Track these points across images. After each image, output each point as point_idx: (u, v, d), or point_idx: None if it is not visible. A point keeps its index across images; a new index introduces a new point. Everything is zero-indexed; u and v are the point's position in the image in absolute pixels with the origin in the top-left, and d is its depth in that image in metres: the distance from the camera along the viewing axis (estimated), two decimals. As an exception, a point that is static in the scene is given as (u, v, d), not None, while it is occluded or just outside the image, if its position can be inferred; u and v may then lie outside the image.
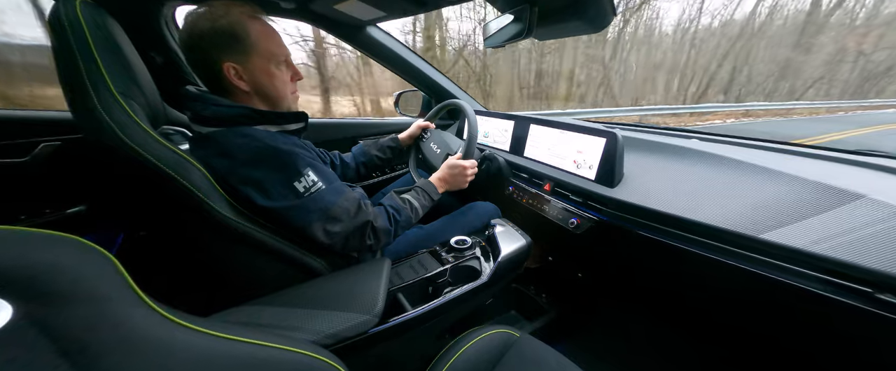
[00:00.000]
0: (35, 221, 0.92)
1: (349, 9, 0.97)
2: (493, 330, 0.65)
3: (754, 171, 0.72)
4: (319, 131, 1.35)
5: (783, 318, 0.62)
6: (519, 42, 0.79)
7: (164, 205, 0.62)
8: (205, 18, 0.56)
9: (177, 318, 0.30)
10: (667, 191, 0.78)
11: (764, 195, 0.66)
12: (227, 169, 0.57)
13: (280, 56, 0.64)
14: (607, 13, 0.67)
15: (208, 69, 0.59)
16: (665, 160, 0.89)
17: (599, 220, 0.85)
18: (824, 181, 0.62)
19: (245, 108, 0.60)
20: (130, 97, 0.52)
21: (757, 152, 0.85)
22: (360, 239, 0.66)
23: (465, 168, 0.88)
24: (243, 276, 0.66)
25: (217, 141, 0.58)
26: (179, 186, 0.51)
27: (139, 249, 1.08)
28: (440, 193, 0.85)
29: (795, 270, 0.55)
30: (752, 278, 0.60)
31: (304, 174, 0.60)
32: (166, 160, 0.51)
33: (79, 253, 0.26)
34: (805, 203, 0.60)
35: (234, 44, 0.58)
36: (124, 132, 0.48)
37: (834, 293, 0.52)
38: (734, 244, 0.62)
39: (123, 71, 0.52)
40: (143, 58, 0.63)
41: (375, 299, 0.59)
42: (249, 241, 0.59)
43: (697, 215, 0.67)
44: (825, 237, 0.54)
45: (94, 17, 0.50)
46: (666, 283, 0.85)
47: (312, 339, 0.52)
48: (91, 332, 0.24)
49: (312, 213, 0.60)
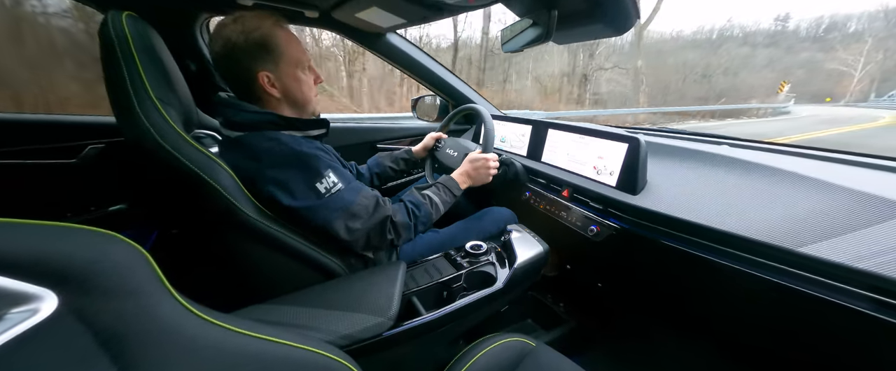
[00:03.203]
0: (80, 218, 0.99)
1: (370, 17, 1.00)
2: (509, 338, 0.63)
3: (791, 179, 0.68)
4: (340, 136, 1.39)
5: (821, 338, 0.57)
6: (538, 46, 0.78)
7: (195, 204, 0.65)
8: (238, 32, 0.59)
9: (202, 314, 0.31)
10: (694, 199, 0.74)
11: (802, 205, 0.61)
12: (254, 171, 0.60)
13: (304, 61, 0.68)
14: (631, 15, 0.65)
15: (242, 78, 0.63)
16: (692, 167, 0.85)
17: (621, 228, 0.81)
18: (870, 191, 0.57)
19: (272, 115, 0.64)
20: (167, 103, 0.55)
21: (792, 159, 0.79)
22: (380, 234, 0.67)
23: (487, 160, 0.87)
24: (264, 275, 0.68)
25: (245, 144, 0.61)
26: (209, 187, 0.54)
27: (171, 246, 1.14)
28: (462, 189, 0.85)
29: (838, 287, 0.51)
30: (789, 293, 0.55)
31: (326, 175, 0.62)
32: (197, 162, 0.54)
33: (122, 250, 0.28)
34: (848, 214, 0.55)
35: (266, 54, 0.62)
36: (160, 135, 0.51)
37: (880, 313, 0.47)
38: (769, 257, 0.58)
39: (162, 78, 0.56)
40: (179, 65, 0.68)
41: (390, 302, 0.59)
42: (271, 241, 0.61)
43: (728, 226, 0.63)
44: (873, 253, 0.49)
45: (138, 29, 0.54)
46: (692, 296, 0.80)
47: (328, 339, 0.52)
48: (128, 324, 0.26)
49: (333, 211, 0.62)
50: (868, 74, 42.50)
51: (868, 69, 42.24)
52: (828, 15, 61.33)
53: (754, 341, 0.71)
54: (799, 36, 58.00)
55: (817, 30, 59.08)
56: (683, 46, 30.45)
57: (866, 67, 42.11)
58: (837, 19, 59.52)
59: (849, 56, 43.17)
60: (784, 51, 52.30)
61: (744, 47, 46.85)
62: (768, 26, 59.16)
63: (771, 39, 54.21)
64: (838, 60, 43.89)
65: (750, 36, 53.31)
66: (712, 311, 0.78)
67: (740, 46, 46.52)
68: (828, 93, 39.77)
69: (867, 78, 42.61)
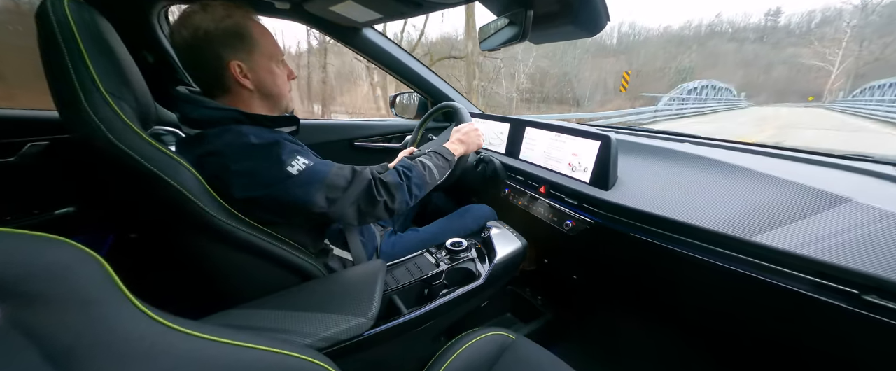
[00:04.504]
0: (23, 222, 0.90)
1: (345, 11, 0.97)
2: (489, 332, 0.65)
3: (746, 174, 0.73)
4: (315, 134, 1.34)
5: (773, 320, 0.63)
6: (514, 45, 0.79)
7: (154, 206, 0.61)
8: (208, 19, 0.56)
9: (167, 322, 0.29)
10: (660, 193, 0.78)
11: (755, 198, 0.67)
12: (217, 166, 0.56)
13: (278, 55, 0.65)
14: (601, 18, 0.68)
15: (212, 67, 0.59)
16: (658, 163, 0.90)
17: (594, 222, 0.85)
18: (814, 185, 0.63)
19: (235, 111, 0.60)
20: (120, 97, 0.51)
21: (748, 156, 0.86)
22: (369, 199, 0.64)
23: (471, 126, 0.89)
24: (235, 279, 0.65)
25: (207, 140, 0.58)
26: (170, 188, 0.50)
27: (130, 252, 1.06)
28: (455, 156, 0.83)
29: (785, 272, 0.56)
30: (744, 280, 0.60)
31: (295, 159, 0.59)
32: (156, 161, 0.50)
33: (67, 255, 0.26)
34: (795, 206, 0.61)
35: (239, 42, 0.59)
36: (113, 132, 0.47)
37: (822, 295, 0.52)
38: (726, 246, 0.63)
39: (113, 70, 0.52)
40: (135, 57, 0.63)
41: (371, 301, 0.59)
42: (243, 244, 0.58)
43: (690, 218, 0.68)
44: (814, 240, 0.55)
45: (83, 15, 0.49)
46: (660, 286, 0.85)
47: (306, 342, 0.51)
48: (78, 336, 0.24)
49: (310, 185, 0.59)
50: (844, 71, 40.45)
51: (845, 65, 40.57)
52: (819, 9, 57.51)
53: (719, 327, 0.77)
54: (789, 30, 54.51)
55: (809, 25, 56.10)
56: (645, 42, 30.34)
57: (844, 63, 40.43)
58: (829, 15, 55.85)
59: (826, 49, 40.74)
60: (770, 47, 51.89)
61: (731, 43, 46.52)
62: (758, 21, 55.72)
63: (760, 34, 53.48)
64: (817, 56, 41.19)
65: (739, 32, 52.24)
66: (680, 300, 0.83)
67: (728, 42, 46.05)
68: (810, 92, 39.27)
69: (844, 75, 40.77)
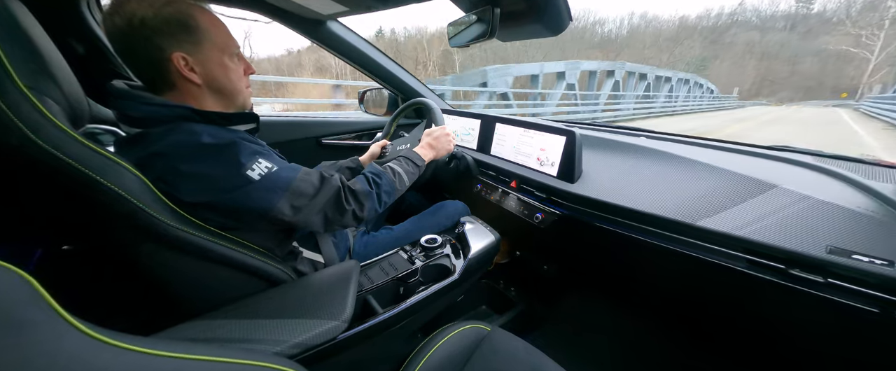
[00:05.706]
0: None
1: (307, 2, 0.93)
2: (465, 326, 0.66)
3: (693, 165, 0.81)
4: (280, 131, 1.27)
5: (720, 298, 0.71)
6: (483, 42, 0.80)
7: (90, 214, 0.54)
8: (145, 5, 0.50)
9: (115, 340, 0.27)
10: (619, 184, 0.84)
11: (700, 187, 0.74)
12: (165, 168, 0.51)
13: (232, 47, 0.59)
14: (564, 18, 0.71)
15: (152, 60, 0.53)
16: (618, 157, 0.97)
17: (561, 213, 0.89)
18: (747, 174, 0.71)
19: (184, 109, 0.54)
20: (42, 92, 0.44)
21: (696, 149, 0.95)
22: (337, 207, 0.61)
23: (443, 130, 0.88)
24: (192, 288, 0.60)
25: (150, 140, 0.52)
26: (110, 194, 0.45)
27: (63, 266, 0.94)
28: (425, 161, 0.83)
29: (726, 252, 0.63)
30: (692, 262, 0.67)
31: (255, 161, 0.54)
32: (91, 164, 0.44)
33: None
34: (732, 193, 0.69)
35: (183, 33, 0.52)
36: (35, 132, 0.41)
37: (756, 271, 0.59)
38: (675, 231, 0.69)
39: (31, 61, 0.45)
40: (60, 47, 0.55)
41: (344, 304, 0.57)
42: (201, 251, 0.54)
43: (646, 206, 0.74)
44: (748, 222, 0.62)
45: None
46: (622, 270, 0.92)
47: (275, 351, 0.49)
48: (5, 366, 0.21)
49: (272, 191, 0.55)
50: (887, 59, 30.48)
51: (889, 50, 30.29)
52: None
53: (675, 306, 0.84)
54: (824, 17, 45.45)
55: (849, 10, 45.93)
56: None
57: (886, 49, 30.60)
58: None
59: (862, 32, 32.00)
60: (799, 36, 43.81)
61: (752, 32, 42.13)
62: (787, 8, 47.51)
63: (788, 22, 45.49)
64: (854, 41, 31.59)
65: (767, 21, 43.00)
66: (639, 282, 0.90)
67: (749, 31, 41.46)
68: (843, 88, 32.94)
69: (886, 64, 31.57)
